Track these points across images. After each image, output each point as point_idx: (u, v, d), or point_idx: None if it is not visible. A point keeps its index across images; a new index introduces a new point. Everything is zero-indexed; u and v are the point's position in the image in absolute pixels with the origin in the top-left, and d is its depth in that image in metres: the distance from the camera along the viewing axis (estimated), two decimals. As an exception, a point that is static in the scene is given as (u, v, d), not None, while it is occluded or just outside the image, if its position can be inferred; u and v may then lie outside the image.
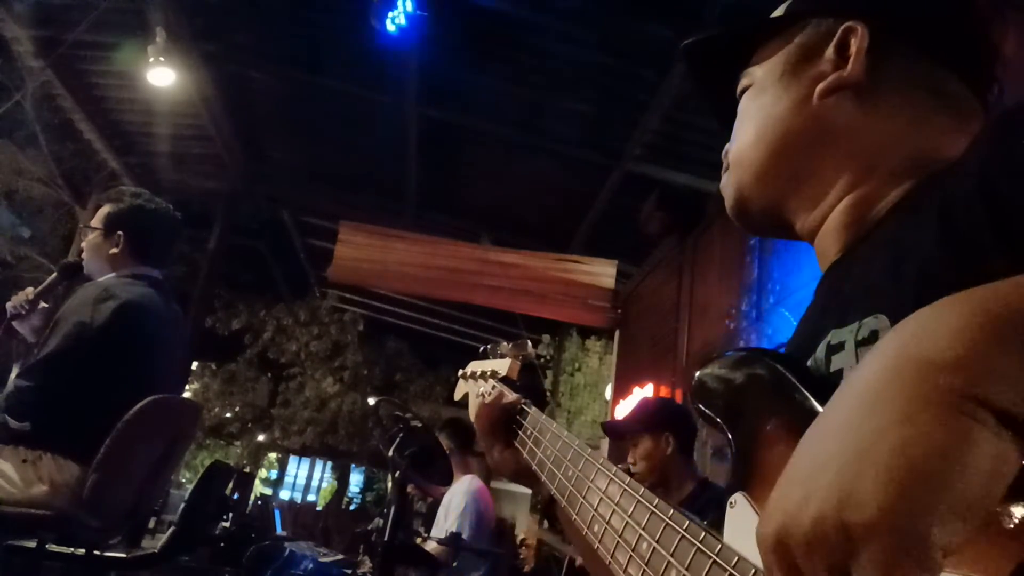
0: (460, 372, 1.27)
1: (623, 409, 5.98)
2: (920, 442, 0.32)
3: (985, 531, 0.32)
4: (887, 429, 0.33)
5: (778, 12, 0.77)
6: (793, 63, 0.71)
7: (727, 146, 0.79)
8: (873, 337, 0.53)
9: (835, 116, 0.67)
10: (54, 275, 2.43)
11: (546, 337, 8.25)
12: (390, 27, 4.36)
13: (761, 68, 0.74)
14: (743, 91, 0.76)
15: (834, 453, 0.34)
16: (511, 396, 1.02)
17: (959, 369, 0.33)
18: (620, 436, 2.71)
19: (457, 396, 1.25)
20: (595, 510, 0.67)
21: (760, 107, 0.73)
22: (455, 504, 3.60)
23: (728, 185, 0.76)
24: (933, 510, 0.31)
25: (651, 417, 2.54)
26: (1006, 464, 0.32)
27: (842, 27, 0.68)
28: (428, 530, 3.90)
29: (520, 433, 0.95)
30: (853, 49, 0.66)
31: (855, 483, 0.32)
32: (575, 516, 0.71)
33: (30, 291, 2.37)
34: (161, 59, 5.16)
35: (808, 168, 0.69)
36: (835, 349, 0.57)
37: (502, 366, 1.12)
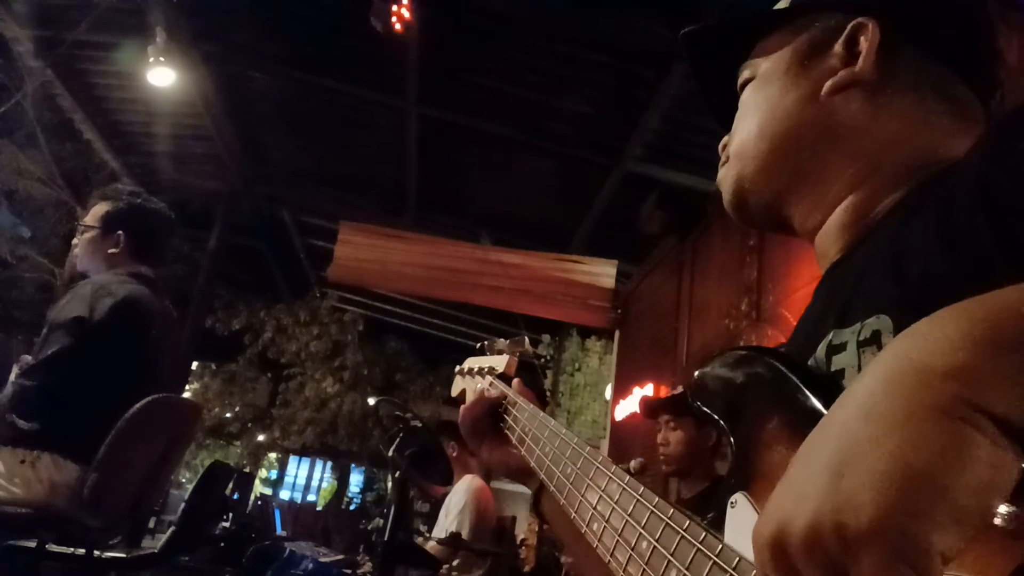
0: (457, 368, 1.27)
1: (623, 409, 5.97)
2: (918, 448, 0.32)
3: (985, 533, 0.32)
4: (885, 435, 0.33)
5: (782, 4, 0.76)
6: (801, 57, 0.70)
7: (725, 138, 0.78)
8: (875, 338, 0.52)
9: (842, 113, 0.67)
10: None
11: (546, 337, 8.24)
12: (390, 27, 4.36)
13: (766, 61, 0.73)
14: (745, 83, 0.75)
15: (832, 457, 0.34)
16: (495, 392, 1.03)
17: (960, 377, 0.33)
18: (656, 414, 2.66)
19: (454, 392, 1.25)
20: (594, 508, 0.66)
21: (765, 100, 0.72)
22: (455, 502, 3.62)
23: (727, 177, 0.75)
24: (930, 515, 0.31)
25: None
26: (1004, 472, 0.32)
27: (852, 23, 0.67)
28: (431, 530, 3.90)
29: (515, 426, 0.95)
30: (864, 46, 0.66)
31: (853, 487, 0.32)
32: (574, 514, 0.70)
33: None
34: (161, 59, 5.16)
35: (812, 164, 0.68)
36: (836, 349, 0.56)
37: (499, 362, 1.12)
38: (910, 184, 0.63)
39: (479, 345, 1.23)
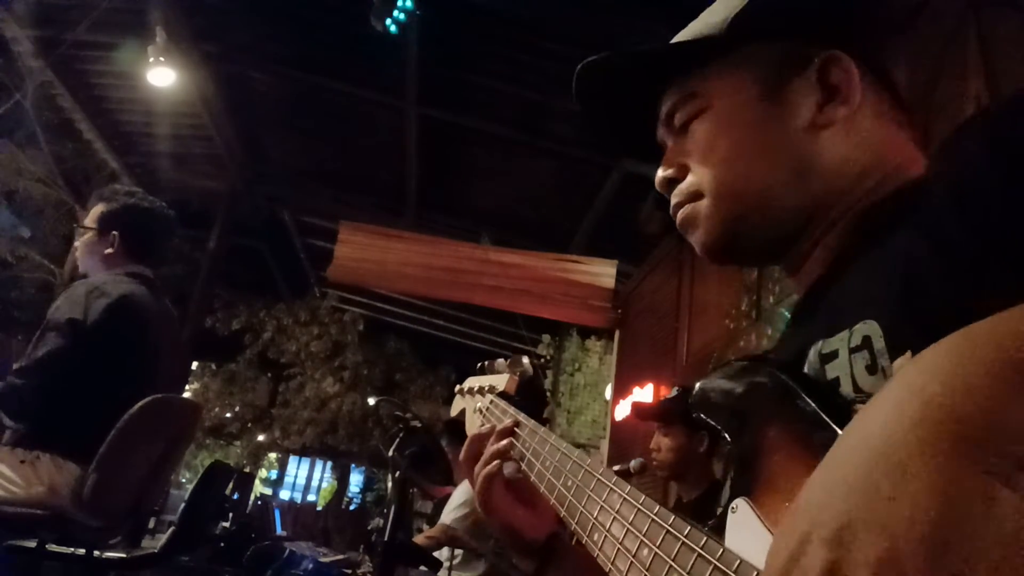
0: (457, 388, 1.24)
1: (623, 409, 5.98)
2: (935, 502, 0.30)
3: None
4: (901, 485, 0.31)
5: (703, 30, 0.71)
6: (770, 89, 0.68)
7: (669, 172, 0.75)
8: (866, 343, 0.52)
9: (831, 145, 0.66)
10: None
11: (546, 337, 8.24)
12: (390, 27, 4.36)
13: (718, 91, 0.70)
14: (695, 113, 0.72)
15: (840, 504, 0.33)
16: (507, 420, 0.98)
17: (991, 428, 0.30)
18: (646, 419, 2.66)
19: (454, 412, 1.23)
20: (595, 519, 0.66)
21: (736, 139, 0.69)
22: (455, 500, 3.63)
23: (708, 217, 0.70)
24: (947, 568, 0.29)
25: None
26: None
27: (824, 55, 0.66)
28: (432, 530, 3.91)
29: (518, 445, 0.94)
30: (842, 79, 0.65)
31: (864, 535, 0.31)
32: (574, 525, 0.71)
33: None
34: (161, 59, 5.17)
35: (803, 198, 0.67)
36: (828, 358, 0.56)
37: (500, 381, 1.10)
38: (893, 194, 0.63)
39: (479, 365, 1.21)
